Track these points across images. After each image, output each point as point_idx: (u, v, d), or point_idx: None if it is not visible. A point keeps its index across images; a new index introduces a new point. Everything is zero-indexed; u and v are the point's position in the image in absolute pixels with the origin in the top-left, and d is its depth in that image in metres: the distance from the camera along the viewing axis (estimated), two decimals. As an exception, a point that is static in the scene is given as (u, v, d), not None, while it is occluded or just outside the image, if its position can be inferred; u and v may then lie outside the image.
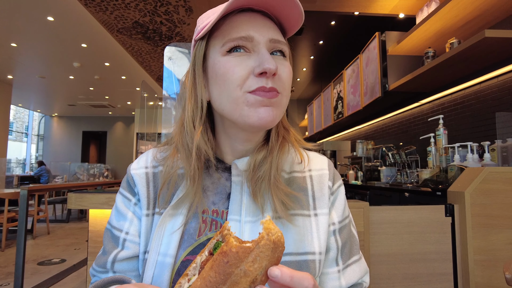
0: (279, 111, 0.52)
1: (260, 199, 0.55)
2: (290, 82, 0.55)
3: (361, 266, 0.60)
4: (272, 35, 0.52)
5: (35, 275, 3.06)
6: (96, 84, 7.97)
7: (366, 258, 1.26)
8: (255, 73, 0.50)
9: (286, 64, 0.54)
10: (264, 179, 0.55)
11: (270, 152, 0.57)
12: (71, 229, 5.36)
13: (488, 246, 1.27)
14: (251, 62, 0.51)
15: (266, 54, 0.50)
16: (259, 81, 0.50)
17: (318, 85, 6.90)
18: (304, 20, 0.54)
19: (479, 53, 2.14)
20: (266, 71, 0.48)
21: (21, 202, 2.58)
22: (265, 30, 0.52)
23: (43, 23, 4.60)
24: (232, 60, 0.51)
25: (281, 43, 0.54)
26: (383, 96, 3.23)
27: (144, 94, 6.97)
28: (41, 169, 7.93)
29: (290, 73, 0.55)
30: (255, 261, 0.34)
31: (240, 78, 0.50)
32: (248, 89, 0.50)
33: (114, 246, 0.57)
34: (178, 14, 4.28)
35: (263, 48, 0.51)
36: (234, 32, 0.51)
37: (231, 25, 0.52)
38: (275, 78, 0.51)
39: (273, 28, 0.54)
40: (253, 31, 0.51)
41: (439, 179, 2.12)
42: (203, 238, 0.54)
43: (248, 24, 0.52)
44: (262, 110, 0.50)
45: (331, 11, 3.68)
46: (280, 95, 0.52)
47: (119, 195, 0.61)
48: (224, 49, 0.52)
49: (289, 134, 0.62)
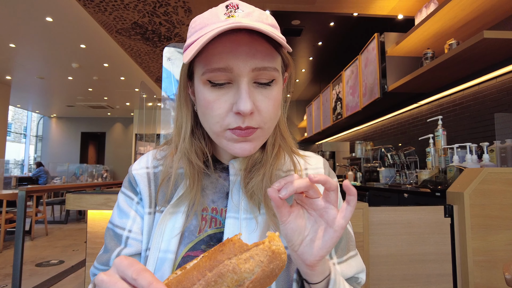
0: (257, 142, 0.53)
1: (256, 199, 0.56)
2: (275, 111, 0.53)
3: (357, 262, 0.61)
4: (256, 63, 0.48)
5: (33, 277, 3.04)
6: (95, 85, 7.96)
7: (365, 259, 1.26)
8: (233, 110, 0.49)
9: (270, 95, 0.51)
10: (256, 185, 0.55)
11: (264, 163, 0.57)
12: (70, 230, 5.34)
13: (487, 247, 1.27)
14: (230, 97, 0.49)
15: (243, 92, 0.47)
16: (237, 120, 0.49)
17: (317, 86, 6.91)
18: (303, 21, 0.53)
19: (478, 54, 2.14)
20: (240, 113, 0.47)
21: (19, 203, 2.57)
22: (248, 58, 0.47)
23: (42, 23, 4.60)
24: (211, 93, 0.50)
25: (267, 69, 0.49)
26: (382, 97, 3.24)
27: (143, 95, 6.97)
28: (40, 170, 7.92)
29: (274, 102, 0.52)
30: (247, 260, 0.33)
31: (218, 116, 0.50)
32: (226, 127, 0.50)
33: (117, 244, 0.58)
34: (177, 15, 4.28)
35: (243, 83, 0.48)
36: (214, 62, 0.48)
37: (212, 51, 0.48)
38: (253, 116, 0.49)
39: (261, 51, 0.48)
40: (233, 61, 0.47)
41: (438, 180, 2.12)
42: (203, 235, 0.56)
43: (229, 51, 0.47)
44: (239, 145, 0.51)
45: (330, 12, 3.69)
46: (259, 130, 0.51)
47: (121, 194, 0.62)
48: (205, 78, 0.49)
49: (285, 143, 0.61)
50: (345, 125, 5.15)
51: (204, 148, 0.59)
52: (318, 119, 5.97)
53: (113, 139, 12.31)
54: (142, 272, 0.31)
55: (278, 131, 0.60)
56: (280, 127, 0.61)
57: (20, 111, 13.21)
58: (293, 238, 0.45)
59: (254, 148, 0.53)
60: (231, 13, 0.49)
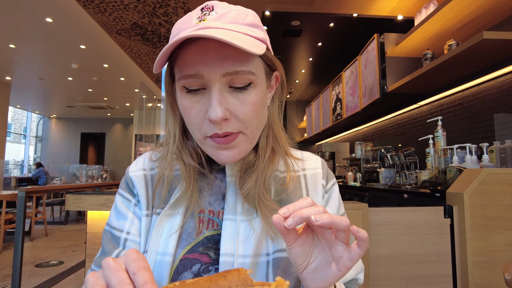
0: (242, 148, 0.52)
1: (252, 201, 0.55)
2: (256, 113, 0.51)
3: (357, 263, 0.60)
4: (226, 68, 0.46)
5: (32, 277, 3.04)
6: (95, 86, 7.96)
7: (365, 259, 1.26)
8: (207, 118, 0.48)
9: (247, 99, 0.49)
10: (250, 190, 0.54)
11: (256, 168, 0.56)
12: (69, 231, 5.34)
13: (487, 248, 1.27)
14: (204, 104, 0.48)
15: (213, 100, 0.46)
16: (212, 128, 0.48)
17: (317, 86, 6.91)
18: (303, 22, 0.53)
19: (477, 54, 2.15)
20: (211, 121, 0.47)
21: (19, 203, 2.57)
22: (218, 63, 0.46)
23: (42, 24, 4.60)
24: (187, 100, 0.50)
25: (240, 73, 0.47)
26: (381, 97, 3.24)
27: (143, 96, 6.97)
28: (39, 171, 7.91)
29: (253, 106, 0.50)
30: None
31: (196, 123, 0.50)
32: (205, 134, 0.50)
33: (115, 246, 0.57)
34: (177, 16, 4.29)
35: (214, 88, 0.47)
36: (185, 69, 0.47)
37: (183, 59, 0.48)
38: (229, 121, 0.49)
39: (230, 55, 0.46)
40: (203, 67, 0.46)
41: (437, 181, 2.12)
42: (201, 237, 0.55)
43: (199, 57, 0.46)
44: (222, 153, 0.51)
45: (330, 12, 3.69)
46: (240, 135, 0.51)
47: (118, 196, 0.62)
48: (180, 84, 0.49)
49: (279, 145, 0.59)
50: (345, 125, 5.15)
51: (197, 148, 0.58)
52: (318, 120, 5.97)
53: (113, 140, 12.31)
54: (143, 270, 0.31)
55: (271, 133, 0.59)
56: (273, 129, 0.59)
57: (20, 112, 13.21)
58: (297, 261, 0.43)
59: (238, 155, 0.52)
60: (204, 17, 0.48)
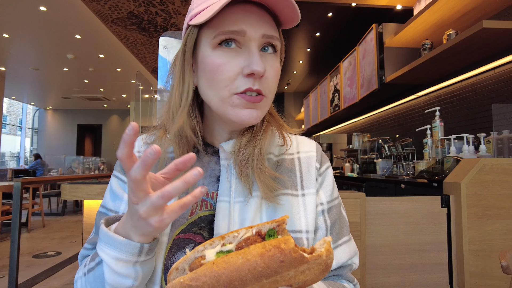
0: (262, 112, 0.55)
1: (247, 180, 0.56)
2: (277, 81, 0.56)
3: (350, 247, 0.61)
4: (265, 30, 0.52)
5: (30, 268, 3.05)
6: (91, 77, 7.88)
7: (362, 248, 1.26)
8: (243, 73, 0.50)
9: (274, 64, 0.54)
10: (248, 161, 0.56)
11: (254, 136, 0.58)
12: (67, 222, 5.34)
13: (483, 236, 1.28)
14: (241, 60, 0.51)
15: (255, 55, 0.50)
16: (247, 82, 0.51)
17: (315, 77, 6.88)
18: (301, 12, 0.54)
19: (476, 44, 2.13)
20: (254, 73, 0.49)
21: (15, 194, 2.55)
22: (259, 24, 0.51)
23: (36, 13, 4.52)
24: (221, 56, 0.51)
25: (273, 38, 0.53)
26: (379, 88, 3.22)
27: (140, 86, 6.91)
28: (37, 163, 7.85)
29: (277, 72, 0.55)
30: (303, 272, 0.35)
31: (228, 79, 0.51)
32: (235, 91, 0.51)
33: None
34: (173, 5, 4.22)
35: (254, 46, 0.51)
36: (227, 25, 0.50)
37: (224, 17, 0.51)
38: (262, 80, 0.52)
39: (268, 21, 0.53)
40: (246, 25, 0.50)
41: (435, 171, 2.13)
42: (194, 217, 0.56)
43: (242, 17, 0.51)
44: (247, 111, 0.52)
45: (328, 2, 3.65)
46: (265, 98, 0.53)
47: (114, 178, 0.61)
48: (215, 41, 0.51)
49: (273, 119, 0.63)
50: (343, 117, 5.14)
51: (193, 127, 0.58)
52: (315, 111, 5.96)
53: (110, 131, 12.26)
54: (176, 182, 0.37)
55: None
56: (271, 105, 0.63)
57: (15, 103, 13.10)
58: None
59: (259, 117, 0.54)
60: None
